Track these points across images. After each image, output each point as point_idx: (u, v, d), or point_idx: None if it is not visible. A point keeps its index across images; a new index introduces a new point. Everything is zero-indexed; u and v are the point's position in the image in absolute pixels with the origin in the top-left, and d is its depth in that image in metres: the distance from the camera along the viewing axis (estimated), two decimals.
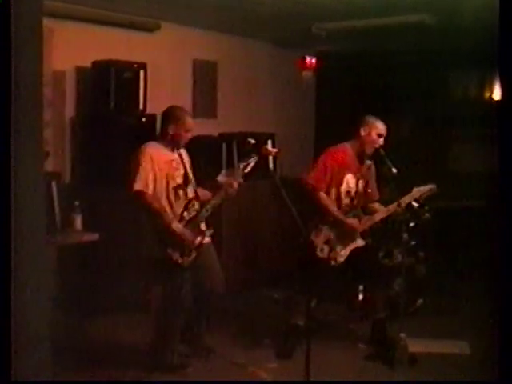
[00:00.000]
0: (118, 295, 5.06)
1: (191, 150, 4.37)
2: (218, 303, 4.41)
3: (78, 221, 4.93)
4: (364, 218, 4.57)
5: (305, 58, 7.25)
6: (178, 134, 4.09)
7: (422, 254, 5.49)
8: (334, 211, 4.45)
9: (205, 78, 6.64)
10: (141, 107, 5.46)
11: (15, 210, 2.23)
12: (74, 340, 4.51)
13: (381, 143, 4.48)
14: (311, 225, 4.44)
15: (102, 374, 4.10)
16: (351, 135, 4.57)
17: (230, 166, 6.18)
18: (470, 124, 7.13)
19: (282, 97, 7.54)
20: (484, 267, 4.86)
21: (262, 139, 5.49)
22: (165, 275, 4.12)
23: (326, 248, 4.46)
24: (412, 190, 4.46)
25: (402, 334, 4.24)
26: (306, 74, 7.37)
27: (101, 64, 5.29)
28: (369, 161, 4.62)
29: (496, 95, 7.15)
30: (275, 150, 4.21)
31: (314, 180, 4.44)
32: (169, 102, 6.00)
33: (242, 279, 5.71)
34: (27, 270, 2.32)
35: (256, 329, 4.91)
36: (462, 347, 4.65)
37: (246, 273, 5.98)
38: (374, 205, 4.68)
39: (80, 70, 5.45)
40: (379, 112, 4.62)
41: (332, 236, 4.47)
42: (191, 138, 4.24)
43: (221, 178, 4.49)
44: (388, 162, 4.40)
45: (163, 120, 4.16)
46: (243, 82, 7.05)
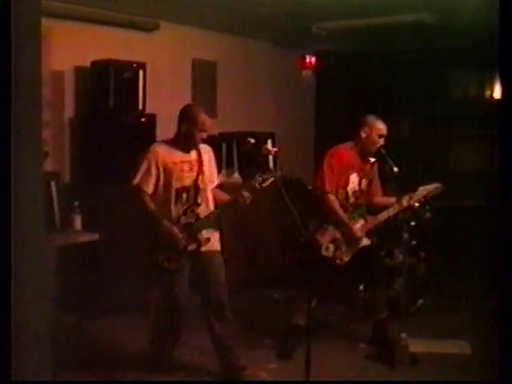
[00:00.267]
0: (117, 295, 5.06)
1: None
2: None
3: (78, 221, 4.94)
4: (369, 217, 4.57)
5: (305, 58, 7.25)
6: (190, 133, 3.92)
7: (422, 253, 5.48)
8: (342, 215, 4.43)
9: (204, 78, 6.63)
10: (140, 107, 5.46)
11: (15, 210, 2.22)
12: (73, 340, 4.51)
13: (382, 143, 4.47)
14: (313, 224, 4.44)
15: (102, 374, 4.10)
16: (351, 135, 4.56)
17: (230, 165, 6.19)
18: (470, 124, 7.13)
19: (281, 96, 7.53)
20: (484, 267, 4.85)
21: (261, 139, 5.50)
22: (155, 277, 4.09)
23: (331, 247, 4.45)
24: (417, 188, 4.46)
25: (403, 334, 4.24)
26: (306, 73, 7.36)
27: (100, 64, 5.28)
28: (371, 159, 4.61)
29: (496, 95, 7.14)
30: (275, 150, 4.20)
31: (322, 183, 4.43)
32: (168, 101, 6.05)
33: (242, 279, 5.70)
34: (27, 270, 2.32)
35: (256, 329, 4.90)
36: (462, 347, 4.65)
37: (246, 273, 5.97)
38: (382, 199, 4.68)
39: (79, 70, 5.44)
40: (379, 112, 4.61)
41: (338, 235, 4.46)
42: None
43: (220, 177, 4.48)
44: (389, 162, 4.39)
45: (178, 118, 4.02)
46: (243, 81, 7.05)
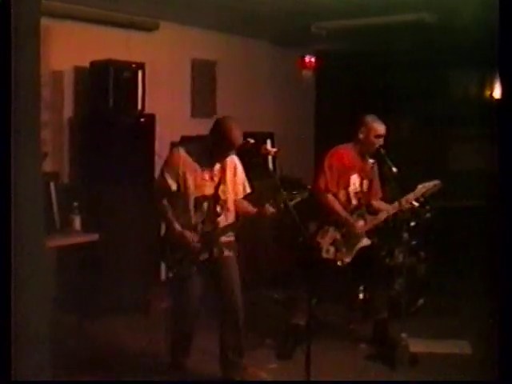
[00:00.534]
0: (117, 295, 5.05)
1: None
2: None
3: (77, 221, 4.94)
4: (369, 217, 4.57)
5: (304, 58, 7.25)
6: (219, 147, 3.81)
7: (422, 253, 5.48)
8: (344, 214, 4.43)
9: (204, 78, 6.62)
10: (139, 107, 5.44)
11: (14, 210, 2.22)
12: (73, 340, 4.51)
13: (381, 143, 4.46)
14: (313, 225, 4.43)
15: (102, 374, 4.10)
16: (351, 135, 4.56)
17: None
18: (470, 124, 7.11)
19: (281, 96, 7.52)
20: (484, 267, 4.85)
21: (261, 139, 5.49)
22: (167, 283, 4.13)
23: (331, 249, 4.44)
24: (416, 187, 4.45)
25: (403, 334, 4.23)
26: (306, 73, 7.36)
27: (99, 64, 5.27)
28: (371, 160, 4.61)
29: (496, 94, 7.14)
30: (274, 150, 4.18)
31: (322, 183, 4.42)
32: (168, 101, 6.06)
33: (242, 279, 5.69)
34: (27, 270, 2.32)
35: (256, 329, 4.89)
36: (463, 347, 4.65)
37: (246, 273, 5.96)
38: (379, 203, 4.67)
39: (78, 70, 5.44)
40: (379, 112, 4.60)
41: (338, 236, 4.46)
42: (191, 137, 4.20)
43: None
44: (388, 162, 4.38)
45: (211, 128, 3.89)
46: (242, 81, 7.04)
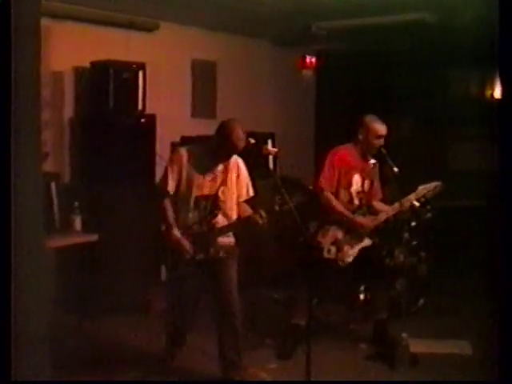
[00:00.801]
0: (117, 295, 5.06)
1: None
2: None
3: (78, 221, 4.93)
4: (370, 217, 4.56)
5: (305, 58, 7.23)
6: (222, 148, 3.86)
7: (423, 253, 5.47)
8: (343, 211, 4.43)
9: (204, 78, 6.62)
10: (140, 107, 5.45)
11: (15, 210, 2.22)
12: (73, 340, 4.51)
13: (381, 143, 4.45)
14: (314, 225, 4.43)
15: (102, 374, 4.09)
16: (351, 136, 4.55)
17: None
18: (470, 124, 7.11)
19: (281, 96, 7.52)
20: (484, 267, 4.85)
21: (261, 139, 5.49)
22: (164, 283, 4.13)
23: (333, 249, 4.43)
24: (417, 188, 4.44)
25: (404, 334, 4.23)
26: (306, 73, 7.34)
27: (99, 64, 5.28)
28: (373, 160, 4.60)
29: (496, 95, 7.14)
30: (275, 150, 4.19)
31: (322, 181, 4.42)
32: (168, 102, 6.06)
33: (242, 279, 5.69)
34: (27, 271, 2.32)
35: (256, 329, 4.89)
36: (463, 347, 4.64)
37: (247, 273, 5.96)
38: (378, 204, 4.67)
39: (78, 71, 5.44)
40: (379, 112, 4.59)
41: (340, 236, 4.45)
42: (191, 137, 4.21)
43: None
44: (389, 162, 4.38)
45: (216, 130, 3.91)
46: (243, 81, 7.04)
